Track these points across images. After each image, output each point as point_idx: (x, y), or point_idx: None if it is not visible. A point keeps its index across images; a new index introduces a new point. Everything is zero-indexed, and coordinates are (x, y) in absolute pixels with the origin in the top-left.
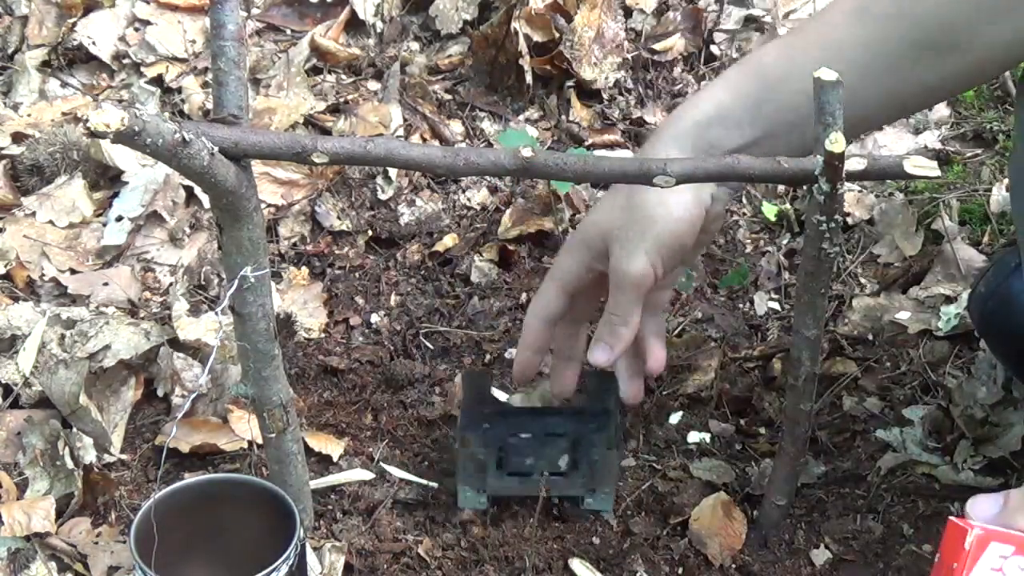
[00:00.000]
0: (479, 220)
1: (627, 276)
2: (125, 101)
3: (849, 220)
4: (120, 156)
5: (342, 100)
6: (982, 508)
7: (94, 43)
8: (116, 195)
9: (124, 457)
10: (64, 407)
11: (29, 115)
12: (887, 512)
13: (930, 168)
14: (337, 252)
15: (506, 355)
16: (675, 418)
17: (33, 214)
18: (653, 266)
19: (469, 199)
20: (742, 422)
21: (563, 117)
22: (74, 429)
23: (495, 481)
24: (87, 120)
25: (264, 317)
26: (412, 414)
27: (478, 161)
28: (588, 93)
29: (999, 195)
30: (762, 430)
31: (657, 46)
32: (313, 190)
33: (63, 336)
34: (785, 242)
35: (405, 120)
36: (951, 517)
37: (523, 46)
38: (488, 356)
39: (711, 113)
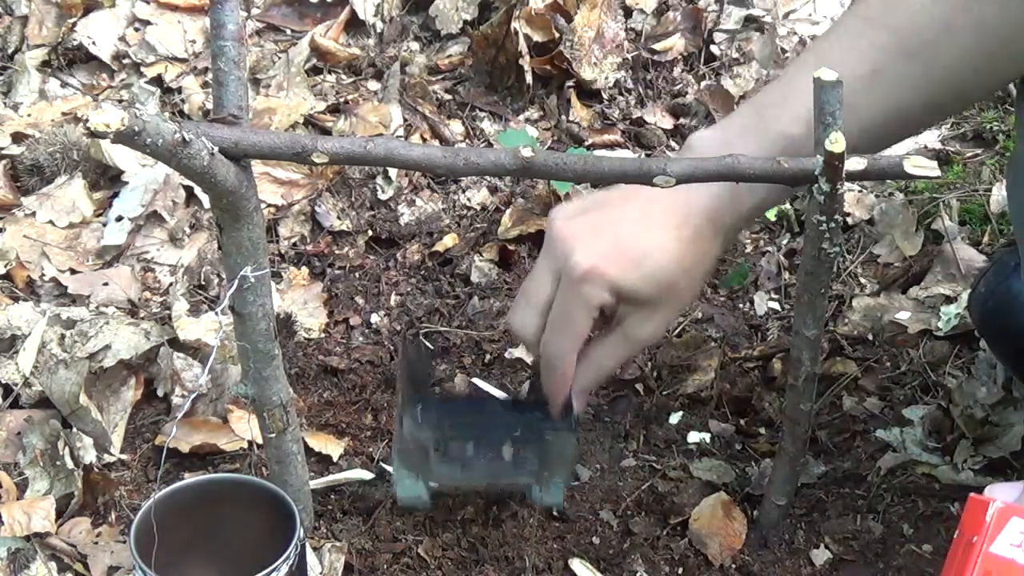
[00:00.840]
0: (479, 220)
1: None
2: (125, 101)
3: (849, 220)
4: (120, 156)
5: (342, 100)
6: (1000, 495)
7: (94, 43)
8: (116, 195)
9: (124, 457)
10: (64, 407)
11: (29, 115)
12: (887, 512)
13: (930, 168)
14: (337, 252)
15: (506, 355)
16: (675, 418)
17: (33, 214)
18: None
19: (469, 199)
20: (742, 422)
21: (563, 117)
22: (74, 429)
23: (434, 467)
24: (87, 120)
25: (264, 317)
26: None
27: (478, 161)
28: (588, 93)
29: (999, 195)
30: (762, 430)
31: (657, 46)
32: (313, 190)
33: (63, 336)
34: (785, 242)
35: (405, 120)
36: (972, 494)
37: (523, 46)
38: (488, 356)
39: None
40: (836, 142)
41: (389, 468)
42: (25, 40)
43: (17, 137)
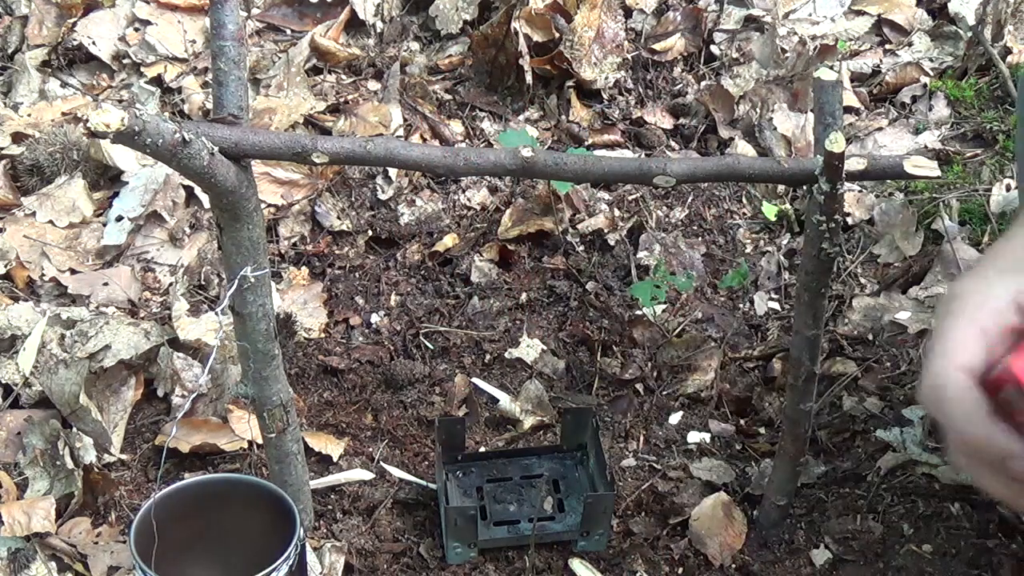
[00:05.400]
0: (479, 220)
1: None
2: (125, 101)
3: (849, 220)
4: (120, 156)
5: (342, 100)
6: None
7: (94, 43)
8: (116, 195)
9: (124, 457)
10: (64, 407)
11: (29, 115)
12: (887, 512)
13: (930, 168)
14: (337, 252)
15: (506, 355)
16: (675, 418)
17: (33, 214)
18: None
19: (469, 199)
20: (742, 422)
21: (563, 117)
22: (74, 429)
23: (483, 532)
24: (87, 120)
25: (264, 317)
26: (412, 414)
27: (478, 161)
28: (588, 93)
29: (999, 195)
30: (762, 430)
31: (657, 46)
32: (313, 190)
33: (63, 336)
34: (785, 242)
35: (405, 120)
36: None
37: (523, 46)
38: (488, 356)
39: None
40: (836, 142)
41: (391, 469)
42: (25, 40)
43: (17, 137)
